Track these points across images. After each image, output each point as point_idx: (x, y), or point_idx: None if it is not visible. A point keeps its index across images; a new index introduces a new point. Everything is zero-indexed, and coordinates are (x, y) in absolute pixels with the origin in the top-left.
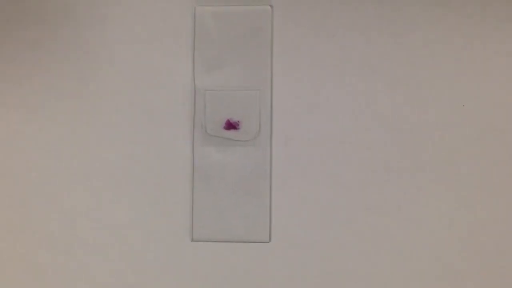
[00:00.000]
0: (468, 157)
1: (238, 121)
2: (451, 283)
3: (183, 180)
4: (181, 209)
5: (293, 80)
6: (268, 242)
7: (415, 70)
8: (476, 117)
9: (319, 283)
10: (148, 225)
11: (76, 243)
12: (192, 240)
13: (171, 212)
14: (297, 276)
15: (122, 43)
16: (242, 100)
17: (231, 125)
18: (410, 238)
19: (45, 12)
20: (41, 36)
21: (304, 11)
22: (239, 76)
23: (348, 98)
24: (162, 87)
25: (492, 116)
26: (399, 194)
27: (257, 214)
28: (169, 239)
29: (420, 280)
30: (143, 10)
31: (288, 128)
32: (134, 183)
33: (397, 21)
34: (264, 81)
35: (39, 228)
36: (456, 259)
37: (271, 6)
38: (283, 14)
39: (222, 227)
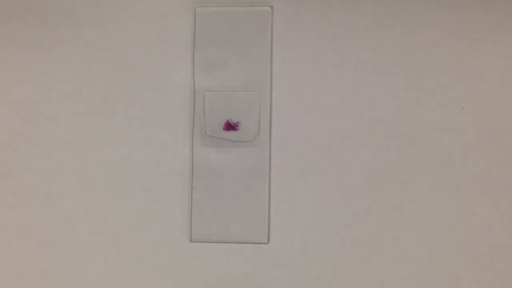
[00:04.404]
0: (468, 159)
1: (238, 122)
2: (450, 286)
3: (182, 181)
4: (180, 209)
5: (292, 81)
6: (266, 243)
7: (415, 72)
8: (475, 119)
9: (317, 284)
10: (147, 225)
11: (75, 244)
12: (191, 241)
13: (170, 213)
14: (295, 278)
15: (122, 43)
16: (241, 101)
17: (230, 126)
18: (409, 241)
19: (45, 12)
20: (41, 36)
21: (304, 13)
22: (238, 77)
23: (348, 100)
24: (161, 87)
25: (491, 118)
26: (398, 196)
27: (256, 215)
28: (168, 239)
29: (419, 283)
30: (143, 10)
31: (287, 129)
32: (133, 183)
33: (396, 23)
34: (264, 82)
35: (38, 229)
36: (455, 262)
37: (271, 7)
38: (283, 15)
39: (221, 228)
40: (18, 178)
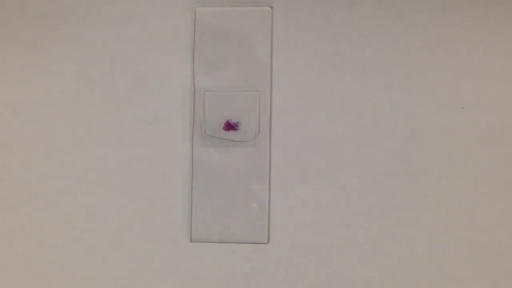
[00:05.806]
0: (468, 160)
1: (238, 122)
2: (450, 286)
3: (182, 181)
4: (180, 209)
5: (292, 81)
6: (266, 243)
7: (415, 72)
8: (475, 119)
9: (317, 284)
10: (147, 225)
11: (75, 244)
12: (191, 241)
13: (170, 213)
14: (295, 278)
15: (122, 43)
16: (241, 101)
17: (230, 126)
18: (409, 241)
19: (45, 12)
20: (41, 36)
21: (304, 13)
22: (238, 77)
23: (348, 100)
24: (161, 87)
25: (491, 118)
26: (398, 196)
27: (256, 215)
28: (168, 239)
29: (419, 283)
30: (143, 10)
31: (287, 129)
32: (133, 183)
33: (397, 23)
34: (264, 82)
35: (38, 229)
36: (456, 263)
37: (271, 7)
38: (283, 15)
39: (221, 228)
40: (18, 178)
